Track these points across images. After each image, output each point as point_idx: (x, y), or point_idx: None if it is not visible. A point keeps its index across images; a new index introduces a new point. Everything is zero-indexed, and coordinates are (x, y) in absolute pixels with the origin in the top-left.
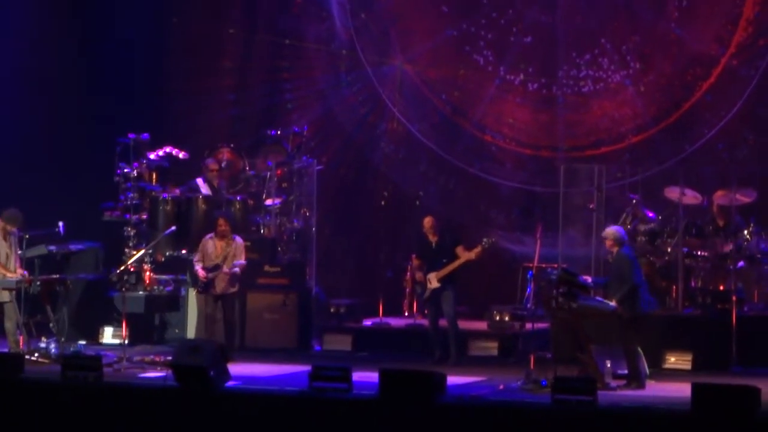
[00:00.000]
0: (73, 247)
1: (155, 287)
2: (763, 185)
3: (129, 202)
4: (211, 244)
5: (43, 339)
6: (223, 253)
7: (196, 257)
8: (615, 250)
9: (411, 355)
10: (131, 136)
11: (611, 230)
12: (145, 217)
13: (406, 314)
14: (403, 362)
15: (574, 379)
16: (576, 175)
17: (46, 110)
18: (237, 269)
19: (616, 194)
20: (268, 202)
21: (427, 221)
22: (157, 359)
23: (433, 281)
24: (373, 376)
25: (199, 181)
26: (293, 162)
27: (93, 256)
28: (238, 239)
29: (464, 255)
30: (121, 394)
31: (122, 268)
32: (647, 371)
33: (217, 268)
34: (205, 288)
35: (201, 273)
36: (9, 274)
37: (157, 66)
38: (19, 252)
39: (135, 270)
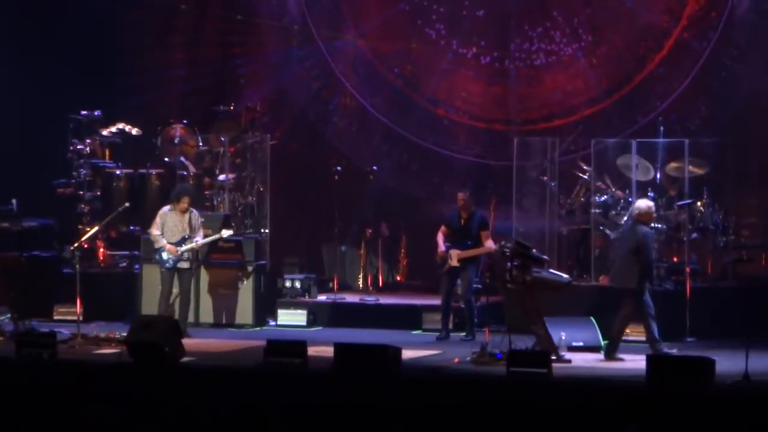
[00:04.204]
0: (26, 223)
1: (109, 264)
2: (716, 157)
3: (82, 179)
4: (172, 216)
5: None
6: (187, 226)
7: (156, 230)
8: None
9: (366, 329)
10: (83, 112)
11: (650, 205)
12: (98, 193)
13: (361, 288)
14: (362, 337)
15: (528, 352)
16: (529, 148)
17: None
18: (202, 240)
19: (569, 167)
20: (222, 177)
21: (460, 197)
22: (112, 336)
23: (454, 259)
24: (328, 351)
25: (183, 159)
26: (246, 137)
27: (47, 233)
28: (196, 212)
29: (487, 246)
30: (76, 370)
31: (76, 244)
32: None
33: (183, 240)
34: (175, 263)
35: (172, 249)
36: None
37: (109, 42)
38: None
39: (89, 247)
